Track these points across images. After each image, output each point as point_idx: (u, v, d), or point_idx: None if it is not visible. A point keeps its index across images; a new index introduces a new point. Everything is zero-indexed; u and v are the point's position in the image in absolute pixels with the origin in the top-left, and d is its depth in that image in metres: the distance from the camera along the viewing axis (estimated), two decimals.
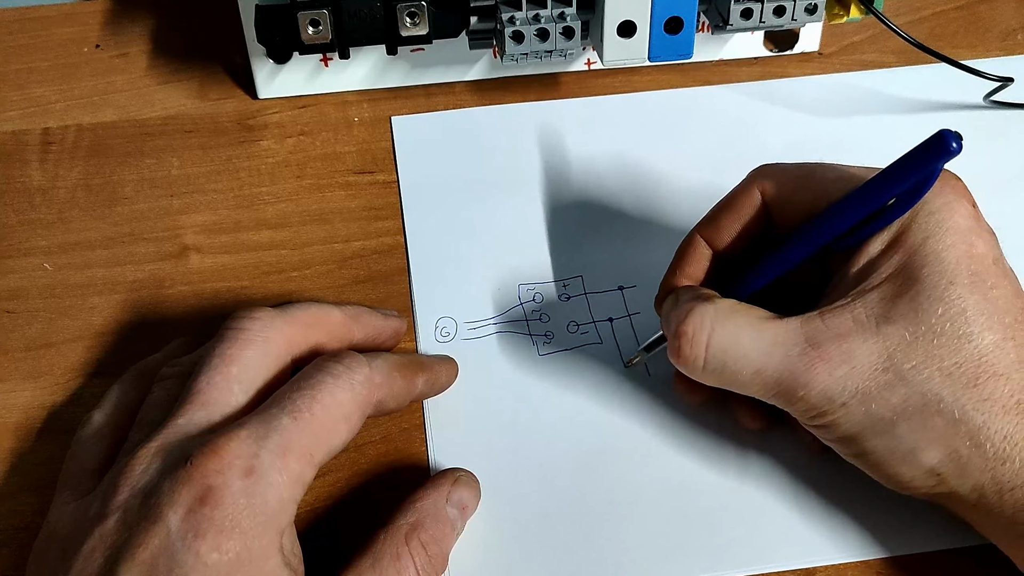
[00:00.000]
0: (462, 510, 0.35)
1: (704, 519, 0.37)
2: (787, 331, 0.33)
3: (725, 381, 0.34)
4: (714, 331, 0.34)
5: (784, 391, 0.33)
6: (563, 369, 0.41)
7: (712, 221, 0.38)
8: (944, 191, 0.33)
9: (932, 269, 0.32)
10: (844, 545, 0.36)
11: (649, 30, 0.44)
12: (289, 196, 0.47)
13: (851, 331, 0.32)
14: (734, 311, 0.34)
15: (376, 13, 0.43)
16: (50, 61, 0.52)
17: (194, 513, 0.29)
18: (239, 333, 0.34)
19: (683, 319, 0.34)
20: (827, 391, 0.32)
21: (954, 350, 0.32)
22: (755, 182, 0.37)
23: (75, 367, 0.41)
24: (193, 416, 0.33)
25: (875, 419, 0.32)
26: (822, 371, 0.32)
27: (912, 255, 0.33)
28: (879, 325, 0.32)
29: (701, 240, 0.38)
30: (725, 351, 0.33)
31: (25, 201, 0.46)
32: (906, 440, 0.32)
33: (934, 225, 0.33)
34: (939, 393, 0.31)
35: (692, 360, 0.34)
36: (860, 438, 0.33)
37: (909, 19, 0.54)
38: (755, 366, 0.33)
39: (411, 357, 0.38)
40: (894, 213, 0.33)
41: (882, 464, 0.33)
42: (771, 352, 0.33)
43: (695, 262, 0.38)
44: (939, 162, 0.31)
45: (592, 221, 0.45)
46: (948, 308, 0.32)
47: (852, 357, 0.32)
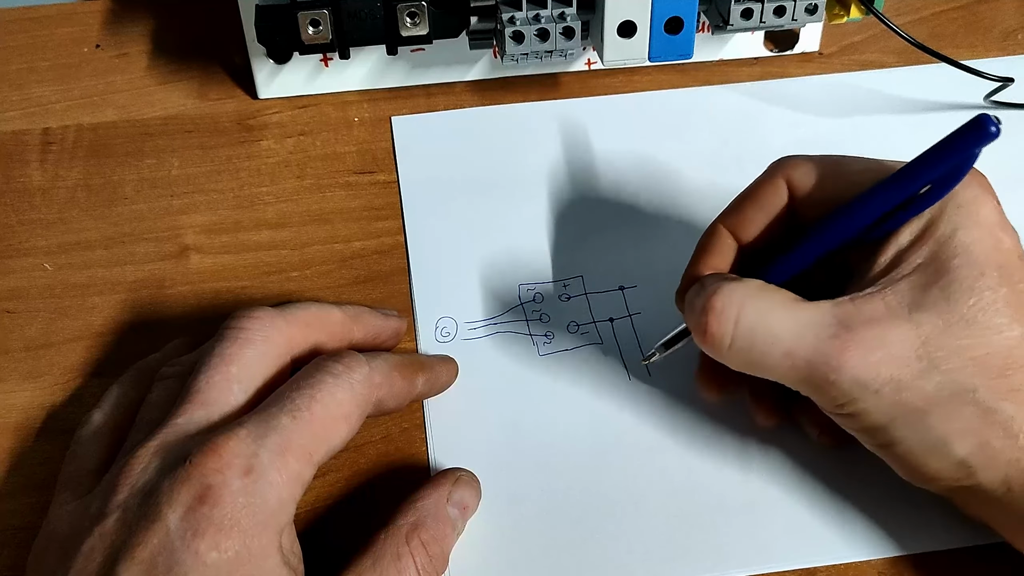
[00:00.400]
0: (463, 510, 0.35)
1: (705, 519, 0.37)
2: (819, 313, 0.32)
3: (752, 362, 0.33)
4: (743, 308, 0.33)
5: (814, 375, 0.32)
6: (563, 369, 0.41)
7: (736, 211, 0.37)
8: (972, 185, 0.33)
9: (963, 260, 0.32)
10: (845, 544, 0.36)
11: (649, 30, 0.44)
12: (289, 196, 0.47)
13: (884, 316, 0.32)
14: (764, 289, 0.33)
15: (376, 13, 0.43)
16: (50, 61, 0.52)
17: (193, 512, 0.29)
18: (239, 332, 0.34)
19: (711, 295, 0.33)
20: (860, 377, 0.32)
21: (985, 340, 0.31)
22: (780, 172, 0.36)
23: (75, 367, 0.41)
24: (192, 416, 0.33)
25: (907, 408, 0.32)
26: (856, 355, 0.32)
27: (942, 246, 0.32)
28: (911, 312, 0.32)
29: (725, 230, 0.37)
30: (754, 330, 0.33)
31: (25, 201, 0.46)
32: (936, 430, 0.31)
33: (963, 217, 0.32)
34: (971, 383, 0.31)
35: (720, 338, 0.33)
36: (889, 428, 0.32)
37: (909, 19, 0.54)
38: (785, 346, 0.32)
39: (411, 357, 0.38)
40: (925, 202, 0.33)
41: (909, 455, 0.32)
42: (802, 333, 0.32)
43: (719, 253, 0.37)
44: (978, 146, 0.31)
45: (593, 221, 0.45)
46: (979, 299, 0.31)
47: (886, 342, 0.31)
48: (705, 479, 0.37)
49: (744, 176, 0.46)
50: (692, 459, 0.38)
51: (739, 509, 0.37)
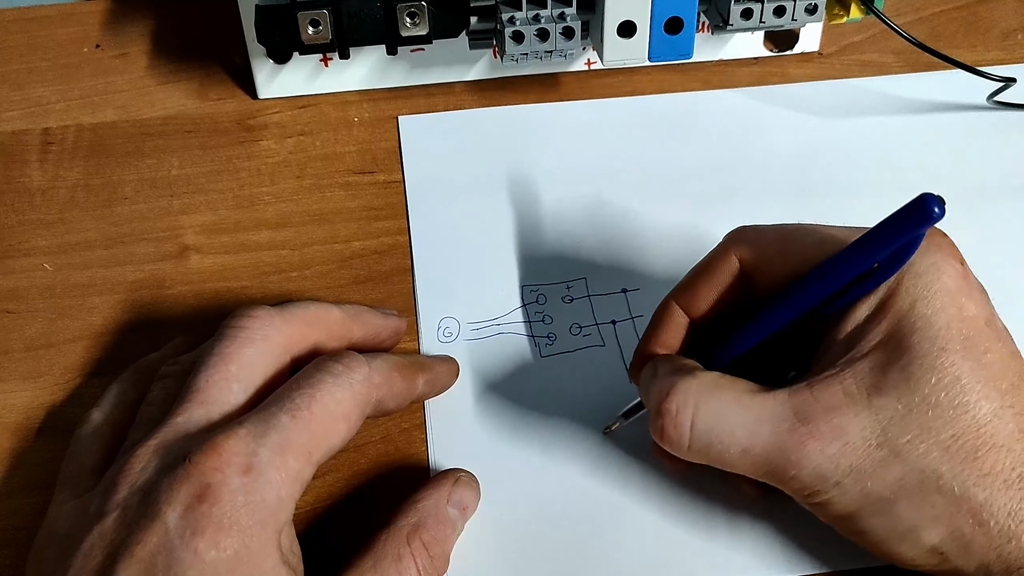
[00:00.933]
0: (463, 510, 0.35)
1: (704, 522, 0.36)
2: (775, 405, 0.31)
3: (712, 460, 0.33)
4: (698, 408, 0.32)
5: (774, 470, 0.32)
6: (565, 371, 0.41)
7: (687, 288, 0.36)
8: (930, 251, 0.32)
9: (922, 335, 0.31)
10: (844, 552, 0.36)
11: (649, 30, 0.44)
12: (289, 196, 0.46)
13: (842, 404, 0.31)
14: (718, 386, 0.33)
15: (376, 13, 0.43)
16: (50, 61, 0.52)
17: (192, 511, 0.29)
18: (238, 332, 0.34)
19: (665, 396, 0.33)
20: (819, 469, 0.31)
21: (950, 421, 0.30)
22: (731, 247, 0.35)
23: (75, 367, 0.41)
24: (192, 414, 0.32)
25: (872, 498, 0.31)
26: (813, 448, 0.31)
27: (901, 321, 0.31)
28: (870, 397, 0.31)
29: (677, 308, 0.36)
30: (711, 430, 0.32)
31: (25, 201, 0.46)
32: (905, 519, 0.31)
33: (922, 288, 0.31)
34: (937, 469, 0.30)
35: (677, 440, 0.32)
36: (857, 517, 0.31)
37: (909, 19, 0.54)
38: (742, 444, 0.32)
39: (411, 357, 0.38)
40: (879, 277, 0.31)
41: (882, 543, 0.31)
42: (758, 429, 0.31)
43: (671, 330, 0.36)
44: (921, 228, 0.29)
45: (597, 224, 0.45)
46: (941, 377, 0.30)
47: (844, 433, 0.31)
48: (705, 481, 0.37)
49: (746, 180, 0.47)
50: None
51: (738, 513, 0.37)
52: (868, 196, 0.46)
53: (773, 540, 0.36)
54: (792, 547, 0.36)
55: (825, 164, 0.47)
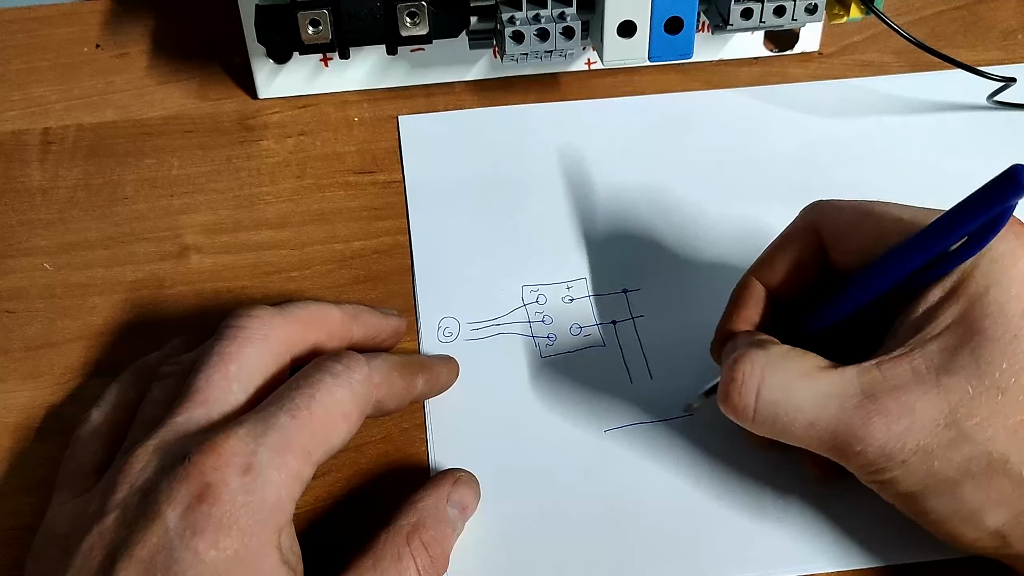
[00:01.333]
0: (462, 510, 0.35)
1: (705, 521, 0.36)
2: (843, 381, 0.31)
3: (777, 432, 0.33)
4: (765, 378, 0.32)
5: (840, 445, 0.31)
6: (565, 371, 0.41)
7: (767, 262, 0.36)
8: (1008, 238, 0.31)
9: (995, 320, 0.30)
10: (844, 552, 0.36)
11: (649, 30, 0.44)
12: (289, 196, 0.46)
13: (910, 383, 0.31)
14: (787, 357, 0.33)
15: (376, 13, 0.43)
16: (50, 61, 0.52)
17: (192, 510, 0.29)
18: (238, 331, 0.34)
19: (733, 365, 0.33)
20: (886, 447, 0.31)
21: (1019, 407, 0.30)
22: (810, 219, 0.35)
23: (75, 367, 0.41)
24: (192, 414, 0.32)
25: (937, 478, 0.31)
26: (880, 425, 0.31)
27: (974, 304, 0.31)
28: (939, 377, 0.31)
29: (757, 282, 0.36)
30: (776, 401, 0.32)
31: (25, 201, 0.46)
32: (970, 501, 0.31)
33: (997, 273, 0.31)
34: (1005, 452, 0.30)
35: (742, 409, 0.32)
36: (921, 497, 0.31)
37: (909, 19, 0.54)
38: (808, 417, 0.32)
39: (411, 357, 0.38)
40: (960, 257, 0.31)
41: (944, 523, 0.31)
42: (825, 403, 0.31)
43: (751, 305, 0.36)
44: (1013, 199, 0.29)
45: (597, 224, 0.45)
46: (1013, 363, 0.30)
47: (912, 411, 0.30)
48: (705, 482, 0.37)
49: (747, 180, 0.47)
50: (692, 462, 0.38)
51: (739, 512, 0.37)
52: (868, 196, 0.45)
53: (777, 542, 0.36)
54: (795, 549, 0.36)
55: (825, 164, 0.47)
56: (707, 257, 0.44)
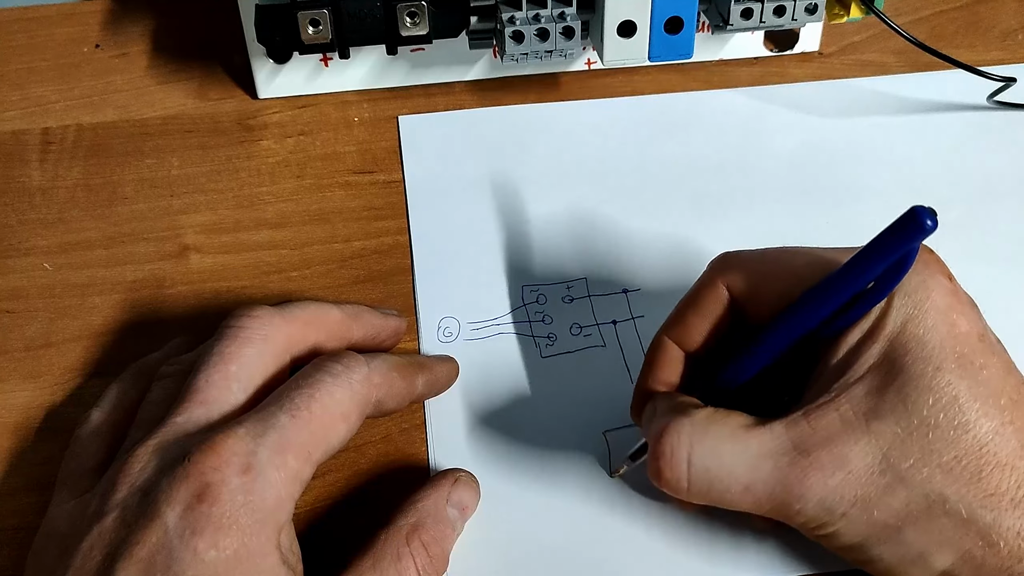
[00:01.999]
0: (462, 510, 0.35)
1: (704, 521, 0.36)
2: (773, 438, 0.31)
3: (714, 500, 0.32)
4: (694, 447, 0.31)
5: (778, 506, 0.31)
6: (565, 371, 0.40)
7: (678, 321, 0.35)
8: (918, 269, 0.31)
9: (916, 356, 0.30)
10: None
11: (649, 30, 0.44)
12: (289, 196, 0.46)
13: (840, 432, 0.30)
14: (712, 421, 0.32)
15: (376, 13, 0.43)
16: (50, 61, 0.52)
17: (192, 510, 0.29)
18: (238, 331, 0.34)
19: (660, 438, 0.32)
20: (825, 501, 0.30)
21: (951, 442, 0.30)
22: (717, 276, 0.34)
23: (75, 367, 0.41)
24: (192, 414, 0.33)
25: (879, 526, 0.30)
26: (816, 480, 0.30)
27: (893, 342, 0.30)
28: (868, 422, 0.30)
29: (670, 342, 0.35)
30: (708, 468, 0.31)
31: (25, 201, 0.46)
32: (914, 545, 0.30)
33: (912, 307, 0.30)
34: (942, 492, 0.30)
35: (675, 482, 0.32)
36: (865, 546, 0.31)
37: (909, 19, 0.54)
38: (743, 482, 0.31)
39: (411, 358, 0.38)
40: (874, 298, 0.31)
41: (892, 570, 0.31)
42: (758, 464, 0.31)
43: (667, 365, 0.35)
44: (914, 241, 0.29)
45: (597, 224, 0.45)
46: (939, 397, 0.30)
47: (846, 461, 0.30)
48: None
49: (747, 180, 0.47)
50: None
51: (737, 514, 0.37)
52: (868, 196, 0.46)
53: (777, 543, 0.36)
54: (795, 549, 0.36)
55: (825, 164, 0.47)
56: (707, 257, 0.43)
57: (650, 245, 0.44)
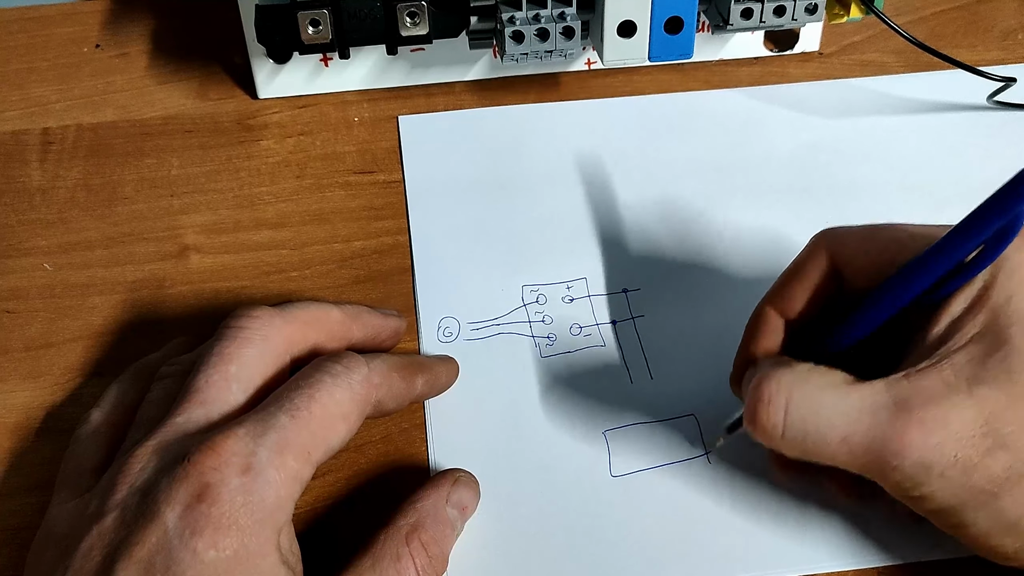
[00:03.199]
0: (462, 511, 0.35)
1: (702, 522, 0.36)
2: (873, 393, 0.31)
3: (808, 451, 0.31)
4: (792, 395, 0.31)
5: (875, 460, 0.30)
6: (565, 371, 0.41)
7: (781, 291, 0.36)
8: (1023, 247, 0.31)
9: (1021, 328, 0.30)
10: (839, 553, 0.36)
11: (649, 30, 0.44)
12: (289, 196, 0.46)
13: (943, 393, 0.30)
14: (813, 372, 0.32)
15: (376, 13, 0.43)
16: (50, 61, 0.52)
17: (191, 510, 0.29)
18: (238, 332, 0.34)
19: (759, 385, 0.32)
20: (924, 459, 0.30)
21: None
22: (821, 246, 0.35)
23: (75, 367, 0.41)
24: (192, 414, 0.33)
25: (976, 491, 0.30)
26: (916, 437, 0.30)
27: (998, 314, 0.31)
28: (971, 387, 0.30)
29: (772, 312, 0.36)
30: (805, 418, 0.31)
31: (25, 201, 0.46)
32: (1010, 512, 0.30)
33: (1018, 283, 0.31)
34: None
35: (770, 428, 0.31)
36: (959, 510, 0.30)
37: (909, 19, 0.54)
38: (841, 433, 0.31)
39: (411, 358, 0.38)
40: (978, 266, 0.31)
41: (983, 537, 0.31)
42: (858, 417, 0.30)
43: (768, 335, 0.35)
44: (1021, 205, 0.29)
45: (597, 224, 0.45)
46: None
47: (948, 421, 0.30)
48: (705, 482, 0.37)
49: (747, 180, 0.47)
50: (692, 462, 0.38)
51: (739, 512, 0.37)
52: (868, 196, 0.46)
53: (777, 542, 0.36)
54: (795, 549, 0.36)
55: (825, 164, 0.47)
56: (707, 257, 0.44)
57: (650, 245, 0.44)
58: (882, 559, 0.36)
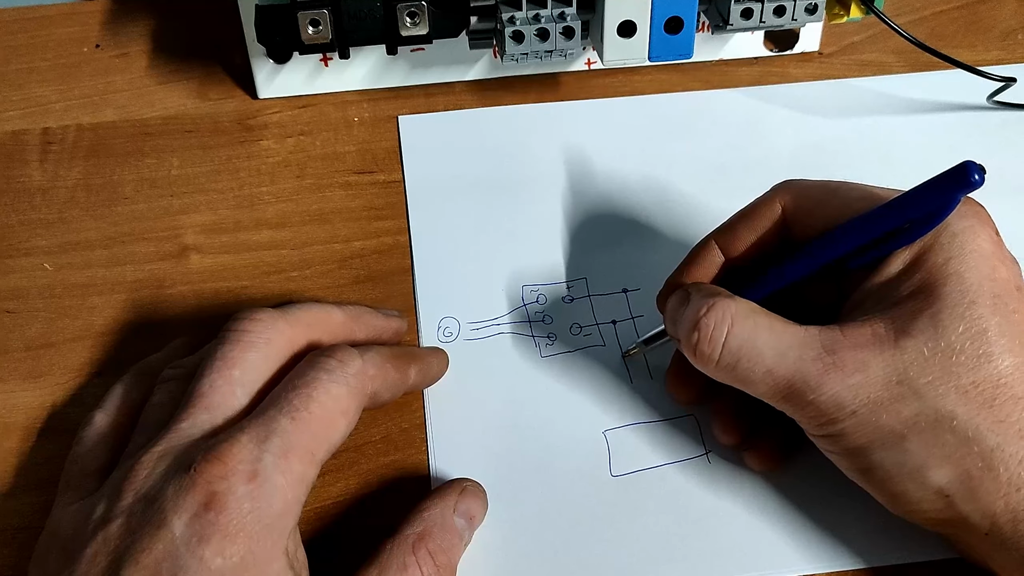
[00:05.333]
0: (469, 520, 0.35)
1: (704, 523, 0.37)
2: (805, 336, 0.33)
3: (735, 378, 0.34)
4: (733, 326, 0.33)
5: (794, 394, 0.33)
6: (565, 371, 0.41)
7: (729, 229, 0.37)
8: (968, 215, 0.33)
9: (954, 287, 0.32)
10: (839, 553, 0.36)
11: (649, 30, 0.44)
12: (289, 196, 0.46)
13: (869, 342, 0.32)
14: (755, 311, 0.34)
15: (376, 13, 0.43)
16: (50, 61, 0.52)
17: (199, 518, 0.29)
18: (241, 335, 0.34)
19: (704, 312, 0.34)
20: (837, 397, 0.32)
21: (972, 369, 0.31)
22: (777, 195, 0.37)
23: (75, 367, 0.41)
24: (196, 419, 0.32)
25: (885, 431, 0.31)
26: (835, 377, 0.32)
27: (935, 273, 0.32)
28: (898, 339, 0.32)
29: (715, 245, 0.38)
30: (740, 347, 0.33)
31: (25, 201, 0.46)
32: (915, 455, 0.31)
33: (956, 248, 0.32)
34: (953, 410, 0.31)
35: (708, 353, 0.34)
36: (867, 450, 0.32)
37: (909, 19, 0.54)
38: (767, 365, 0.33)
39: (403, 348, 0.38)
40: (912, 235, 0.33)
41: (888, 481, 0.32)
42: (786, 353, 0.33)
43: (705, 265, 0.38)
44: (959, 193, 0.31)
45: (597, 223, 0.45)
46: (969, 327, 0.31)
47: (867, 366, 0.32)
48: (705, 482, 0.37)
49: (747, 180, 0.46)
50: (692, 462, 0.38)
51: (739, 512, 0.37)
52: None
53: (777, 542, 0.36)
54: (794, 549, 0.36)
55: (825, 164, 0.47)
56: None
57: (650, 245, 0.44)
58: (881, 559, 0.36)
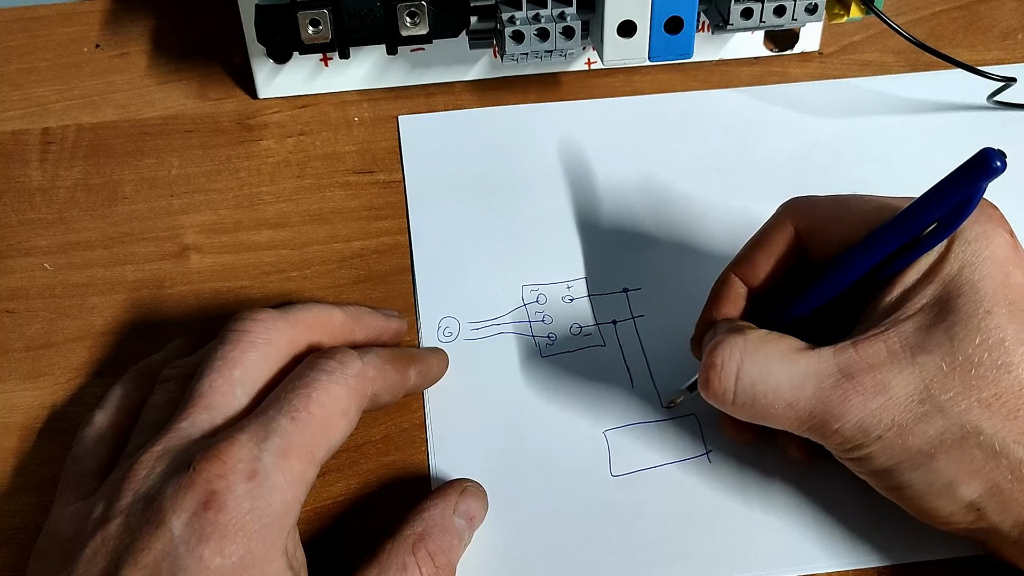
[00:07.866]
0: (469, 521, 0.35)
1: (704, 522, 0.37)
2: (820, 361, 0.32)
3: (757, 415, 0.33)
4: (744, 362, 0.33)
5: (818, 424, 0.32)
6: (565, 371, 0.41)
7: (745, 259, 0.37)
8: (981, 220, 0.32)
9: (968, 299, 0.31)
10: (842, 552, 0.36)
11: (649, 30, 0.44)
12: (289, 196, 0.46)
13: (885, 361, 0.31)
14: (765, 340, 0.33)
15: (376, 13, 0.43)
16: (50, 61, 0.52)
17: (198, 518, 0.29)
18: (241, 335, 0.34)
19: (713, 350, 0.33)
20: (863, 423, 0.31)
21: (993, 381, 0.31)
22: (787, 216, 0.36)
23: (75, 367, 0.41)
24: (196, 419, 0.32)
25: (912, 452, 0.31)
26: (857, 402, 0.31)
27: (948, 284, 0.32)
28: (914, 355, 0.31)
29: (735, 278, 0.37)
30: (754, 383, 0.33)
31: (25, 201, 0.46)
32: (944, 473, 0.31)
33: (971, 255, 0.32)
34: (978, 425, 0.31)
35: (721, 393, 0.33)
36: (896, 471, 0.32)
37: (909, 19, 0.54)
38: (787, 399, 0.32)
39: (403, 349, 0.38)
40: (933, 240, 0.32)
41: (919, 498, 0.32)
42: (803, 384, 0.32)
43: (730, 301, 0.37)
44: (982, 182, 0.30)
45: (597, 223, 0.45)
46: (986, 338, 0.31)
47: (887, 388, 0.31)
48: (705, 482, 0.37)
49: (747, 179, 0.47)
50: (692, 462, 0.38)
51: (739, 512, 0.37)
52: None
53: (777, 542, 0.36)
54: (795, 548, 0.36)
55: (825, 164, 0.47)
56: (707, 256, 0.44)
57: (650, 245, 0.44)
58: (882, 559, 0.36)
